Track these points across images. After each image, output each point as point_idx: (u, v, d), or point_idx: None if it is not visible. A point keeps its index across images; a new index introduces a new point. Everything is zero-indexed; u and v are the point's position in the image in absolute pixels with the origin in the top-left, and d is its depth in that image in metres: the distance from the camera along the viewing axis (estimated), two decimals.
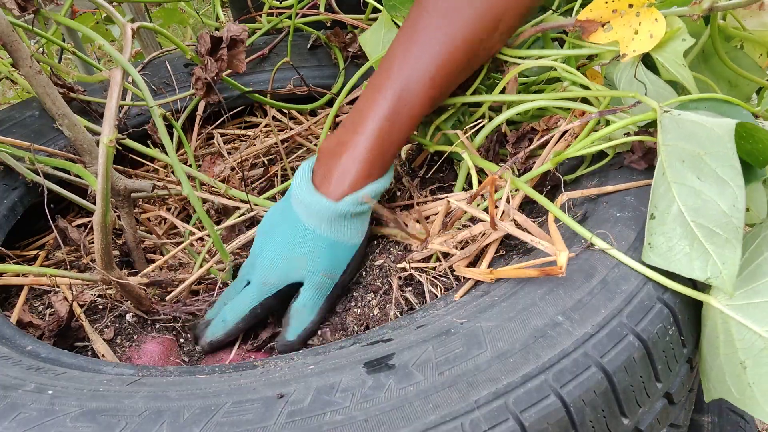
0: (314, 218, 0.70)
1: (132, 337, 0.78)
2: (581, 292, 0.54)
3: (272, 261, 0.72)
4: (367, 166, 0.71)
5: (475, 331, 0.51)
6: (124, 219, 0.86)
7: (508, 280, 0.59)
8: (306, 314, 0.69)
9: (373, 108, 0.72)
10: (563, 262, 0.53)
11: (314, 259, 0.70)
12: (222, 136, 1.13)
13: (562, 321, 0.51)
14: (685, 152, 0.56)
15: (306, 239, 0.70)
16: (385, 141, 0.71)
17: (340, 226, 0.70)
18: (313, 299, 0.69)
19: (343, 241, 0.70)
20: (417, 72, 0.72)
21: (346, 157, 0.71)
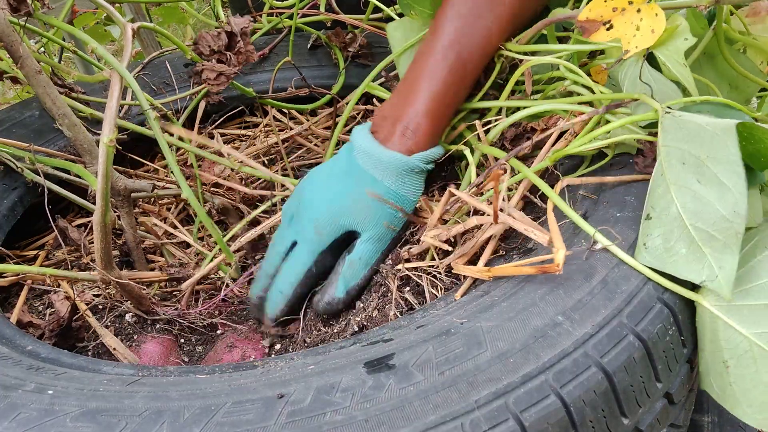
0: (383, 170, 0.71)
1: (132, 337, 0.78)
2: (581, 292, 0.54)
3: (329, 209, 0.71)
4: (431, 128, 0.73)
5: (475, 331, 0.51)
6: (123, 219, 0.86)
7: (508, 281, 0.59)
8: (360, 267, 0.69)
9: (430, 70, 0.74)
10: (560, 259, 0.53)
11: (381, 208, 0.70)
12: (222, 136, 1.13)
13: (562, 321, 0.51)
14: (687, 154, 0.56)
15: (375, 187, 0.71)
16: (444, 102, 0.74)
17: (406, 180, 0.72)
18: (370, 252, 0.70)
19: (407, 194, 0.72)
20: (472, 29, 0.74)
21: (411, 117, 0.73)
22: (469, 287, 0.63)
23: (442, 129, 0.76)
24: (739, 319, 0.53)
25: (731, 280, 0.52)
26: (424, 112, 0.73)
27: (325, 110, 1.14)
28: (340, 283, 0.69)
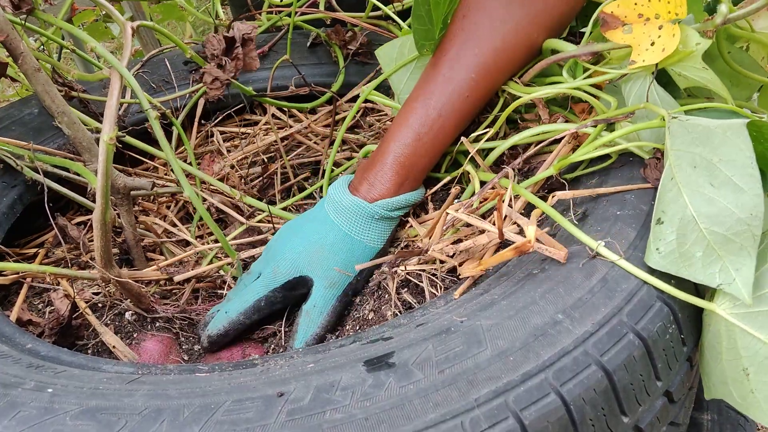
0: (343, 215, 0.72)
1: (132, 335, 0.78)
2: (581, 290, 0.54)
3: (288, 251, 0.73)
4: (398, 177, 0.74)
5: (475, 330, 0.51)
6: (123, 217, 0.86)
7: (508, 279, 0.59)
8: (315, 315, 0.69)
9: (402, 125, 0.75)
10: (531, 234, 0.53)
11: (332, 252, 0.71)
12: (221, 134, 1.13)
13: (562, 319, 0.51)
14: (697, 158, 0.56)
15: (330, 232, 0.72)
16: (415, 154, 0.74)
17: (365, 226, 0.72)
18: (324, 298, 0.69)
19: (364, 241, 0.72)
20: (450, 86, 0.74)
21: (378, 169, 0.75)
22: (469, 286, 0.63)
23: (418, 175, 0.76)
24: (757, 325, 0.52)
25: (749, 283, 0.52)
26: (392, 161, 0.74)
27: (325, 108, 1.14)
28: (298, 335, 0.69)
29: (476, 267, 0.61)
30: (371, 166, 0.75)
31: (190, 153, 1.00)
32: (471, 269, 0.62)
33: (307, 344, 0.68)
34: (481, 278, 0.63)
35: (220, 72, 0.88)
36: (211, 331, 0.72)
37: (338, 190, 0.75)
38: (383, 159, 0.75)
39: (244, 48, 0.90)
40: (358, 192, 0.74)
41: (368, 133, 1.09)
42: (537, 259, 0.60)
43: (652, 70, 0.67)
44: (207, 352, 0.75)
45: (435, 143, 0.75)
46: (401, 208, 0.74)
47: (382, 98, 0.89)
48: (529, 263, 0.60)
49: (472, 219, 0.63)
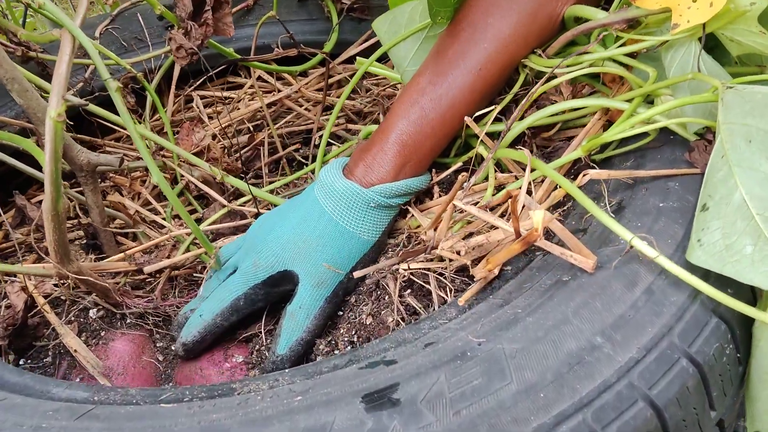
0: (335, 201, 0.63)
1: (99, 334, 0.69)
2: (623, 305, 0.45)
3: (271, 242, 0.63)
4: (399, 158, 0.64)
5: (496, 356, 0.43)
6: (88, 197, 0.76)
7: (532, 288, 0.49)
8: (301, 318, 0.60)
9: (407, 101, 0.66)
10: (538, 220, 0.44)
11: (321, 245, 0.61)
12: (202, 99, 1.02)
13: (601, 343, 0.43)
14: (754, 130, 0.46)
15: (319, 221, 0.62)
16: (420, 133, 0.64)
17: (360, 215, 0.62)
18: (310, 298, 0.60)
19: (358, 232, 0.62)
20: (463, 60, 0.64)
21: (377, 149, 0.65)
22: (478, 291, 0.54)
23: (422, 158, 0.66)
24: None
25: None
26: (393, 141, 0.64)
27: (317, 70, 1.03)
28: (281, 339, 0.60)
29: (484, 267, 0.52)
30: (370, 147, 0.66)
31: (165, 122, 0.89)
32: (482, 270, 0.53)
33: (291, 350, 0.59)
34: (497, 282, 0.54)
35: (185, 39, 0.77)
36: (186, 338, 0.63)
37: (331, 173, 0.65)
38: (384, 138, 0.65)
39: (217, 12, 0.78)
40: (354, 176, 0.64)
41: (365, 99, 0.99)
42: (566, 263, 0.50)
43: (699, 35, 0.57)
44: (183, 360, 0.67)
45: (443, 123, 0.65)
46: (402, 195, 0.64)
47: (383, 69, 0.78)
48: (557, 267, 0.51)
49: (482, 214, 0.54)
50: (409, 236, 0.64)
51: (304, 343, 0.60)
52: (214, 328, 0.63)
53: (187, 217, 0.60)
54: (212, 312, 0.63)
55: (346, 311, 0.62)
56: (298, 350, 0.59)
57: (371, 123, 0.96)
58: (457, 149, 0.72)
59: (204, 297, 0.66)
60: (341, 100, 0.81)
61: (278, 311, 0.65)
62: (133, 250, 0.76)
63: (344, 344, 0.59)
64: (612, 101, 0.60)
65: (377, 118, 0.95)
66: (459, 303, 0.53)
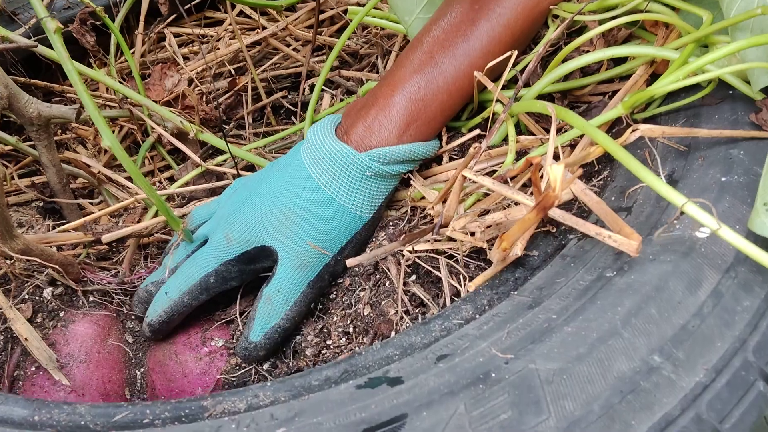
0: (324, 167, 0.53)
1: (57, 314, 0.60)
2: (685, 311, 0.36)
3: (247, 212, 0.54)
4: (403, 118, 0.54)
5: (528, 379, 0.34)
6: (43, 155, 0.66)
7: (566, 282, 0.41)
8: (279, 303, 0.51)
9: (419, 51, 0.56)
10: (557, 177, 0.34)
11: (306, 220, 0.52)
12: (176, 38, 0.90)
13: (660, 363, 0.34)
14: None
15: (305, 191, 0.53)
16: (429, 91, 0.54)
17: (353, 185, 0.53)
18: (290, 282, 0.52)
19: (350, 206, 0.53)
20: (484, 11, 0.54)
21: (380, 106, 0.55)
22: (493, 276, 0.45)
23: (431, 117, 0.55)
24: None
25: None
26: (400, 95, 0.54)
27: (306, 5, 0.91)
28: (255, 324, 0.51)
29: (498, 246, 0.43)
30: (371, 104, 0.55)
31: (132, 65, 0.78)
32: (498, 251, 0.44)
33: (266, 338, 0.51)
34: (521, 272, 0.45)
35: None
36: (151, 318, 0.55)
37: (321, 132, 0.55)
38: (389, 93, 0.55)
39: None
40: (349, 138, 0.54)
41: (361, 39, 0.87)
42: (609, 250, 0.41)
43: None
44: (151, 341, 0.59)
45: (458, 77, 0.54)
46: (404, 161, 0.54)
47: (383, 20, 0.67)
48: (597, 257, 0.42)
49: (498, 186, 0.44)
50: (413, 209, 0.55)
51: (282, 330, 0.52)
52: (181, 308, 0.55)
53: (145, 184, 0.50)
54: (179, 290, 0.55)
55: (340, 295, 0.54)
56: (275, 338, 0.52)
57: (368, 68, 0.84)
58: (468, 114, 0.62)
59: (170, 269, 0.57)
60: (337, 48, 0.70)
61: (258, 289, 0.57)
62: (97, 214, 0.66)
63: (338, 335, 0.51)
64: (660, 49, 0.50)
65: (374, 61, 0.84)
66: (469, 288, 0.44)
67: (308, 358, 0.52)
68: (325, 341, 0.52)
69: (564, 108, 0.46)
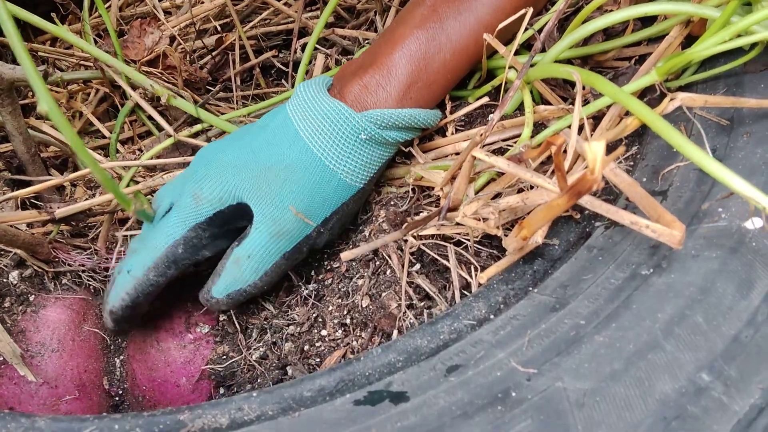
0: (314, 125, 0.47)
1: (27, 299, 0.55)
2: (736, 320, 0.31)
3: (218, 164, 0.48)
4: (404, 79, 0.48)
5: (555, 401, 0.29)
6: (7, 122, 0.60)
7: (595, 279, 0.35)
8: (248, 271, 0.47)
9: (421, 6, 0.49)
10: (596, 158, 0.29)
11: (290, 181, 0.46)
12: None
13: (709, 383, 0.29)
14: None
15: (291, 148, 0.47)
16: (431, 50, 0.48)
17: (346, 148, 0.47)
18: (264, 249, 0.46)
19: (340, 171, 0.47)
20: None
21: (378, 66, 0.48)
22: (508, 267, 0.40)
23: (433, 78, 0.49)
24: None
25: None
26: (400, 53, 0.48)
27: None
28: (220, 282, 0.47)
29: (517, 234, 0.37)
30: (367, 63, 0.49)
31: (107, 20, 0.70)
32: (516, 239, 0.38)
33: (230, 297, 0.47)
34: (540, 263, 0.40)
35: None
36: (113, 304, 0.49)
37: (313, 88, 0.49)
38: (386, 50, 0.49)
39: None
40: (344, 98, 0.48)
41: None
42: (644, 242, 0.36)
43: None
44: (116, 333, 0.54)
45: (462, 34, 0.48)
46: (403, 128, 0.49)
47: None
48: (630, 249, 0.36)
49: (515, 169, 0.38)
50: (414, 189, 0.49)
51: (247, 295, 0.48)
52: (147, 287, 0.48)
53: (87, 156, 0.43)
54: (144, 266, 0.48)
55: (336, 281, 0.48)
56: (238, 299, 0.48)
57: (366, 25, 0.78)
58: (476, 83, 0.55)
59: (134, 251, 0.50)
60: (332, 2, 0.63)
61: None
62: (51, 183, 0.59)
63: (334, 327, 0.46)
64: (698, 6, 0.44)
65: (372, 18, 0.77)
66: (480, 281, 0.39)
67: (301, 352, 0.47)
68: (320, 332, 0.47)
69: (591, 72, 0.40)
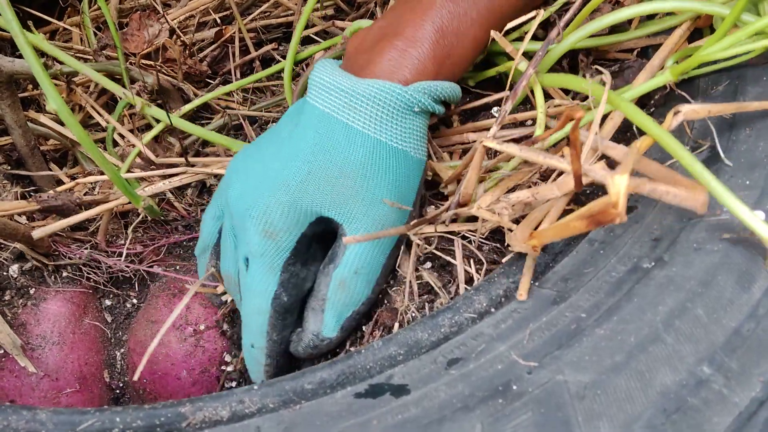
0: (364, 110, 0.43)
1: (27, 292, 0.55)
2: (737, 313, 0.31)
3: (277, 186, 0.43)
4: (440, 49, 0.45)
5: (556, 395, 0.29)
6: (6, 115, 0.60)
7: (595, 273, 0.35)
8: (360, 286, 0.42)
9: None
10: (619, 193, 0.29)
11: (367, 177, 0.43)
12: None
13: (709, 375, 0.29)
14: None
15: (352, 144, 0.43)
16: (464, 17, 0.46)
17: (405, 124, 0.44)
18: (369, 256, 0.42)
19: (409, 149, 0.44)
20: None
21: (405, 40, 0.45)
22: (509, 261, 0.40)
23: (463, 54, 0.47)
24: None
25: None
26: (430, 25, 0.45)
27: None
28: (328, 316, 0.42)
29: (526, 241, 0.37)
30: (392, 34, 0.46)
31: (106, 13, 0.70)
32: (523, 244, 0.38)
33: (343, 330, 0.43)
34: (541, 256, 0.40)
35: None
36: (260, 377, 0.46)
37: (338, 74, 0.45)
38: (415, 19, 0.46)
39: None
40: (376, 74, 0.45)
41: None
42: (645, 236, 0.36)
43: None
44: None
45: (490, 8, 0.47)
46: (445, 100, 0.46)
47: None
48: (631, 242, 0.36)
49: (526, 152, 0.38)
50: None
51: (360, 316, 0.44)
52: (278, 348, 0.44)
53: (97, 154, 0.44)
54: (261, 332, 0.44)
55: None
56: (352, 326, 0.44)
57: (367, 17, 0.77)
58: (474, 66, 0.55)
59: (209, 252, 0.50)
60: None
61: None
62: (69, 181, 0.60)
63: None
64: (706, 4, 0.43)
65: (372, 9, 0.77)
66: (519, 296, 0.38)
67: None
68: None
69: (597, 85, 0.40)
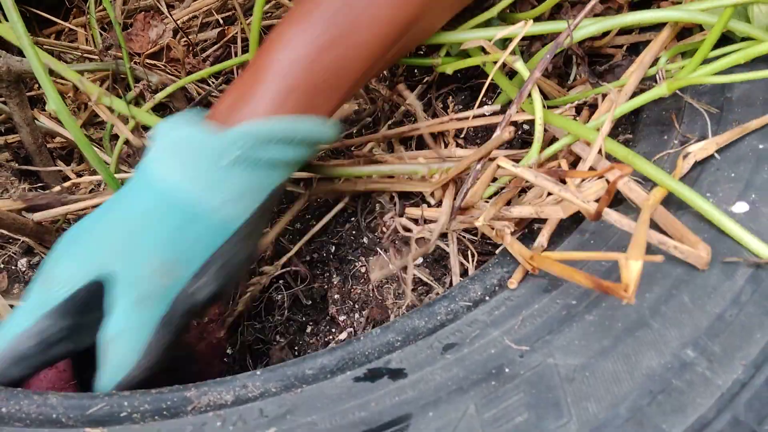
0: (169, 159, 0.39)
1: None
2: (721, 300, 0.32)
3: (68, 236, 0.39)
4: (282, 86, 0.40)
5: (546, 377, 0.31)
6: (15, 113, 0.61)
7: (586, 262, 0.37)
8: (125, 351, 0.37)
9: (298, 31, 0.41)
10: (632, 278, 0.29)
11: (145, 230, 0.38)
12: None
13: (693, 358, 0.31)
14: None
15: (146, 192, 0.39)
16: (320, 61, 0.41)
17: (209, 178, 0.38)
18: (134, 320, 0.37)
19: (208, 209, 0.38)
20: None
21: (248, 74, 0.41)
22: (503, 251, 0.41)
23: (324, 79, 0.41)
24: None
25: None
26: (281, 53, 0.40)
27: None
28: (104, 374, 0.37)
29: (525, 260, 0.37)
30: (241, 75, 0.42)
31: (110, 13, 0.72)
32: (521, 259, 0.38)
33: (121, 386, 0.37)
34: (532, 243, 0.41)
35: None
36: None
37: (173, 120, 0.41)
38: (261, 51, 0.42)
39: None
40: (214, 115, 0.41)
41: None
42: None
43: None
44: None
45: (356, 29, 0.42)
46: (283, 141, 0.39)
47: None
48: (621, 233, 0.38)
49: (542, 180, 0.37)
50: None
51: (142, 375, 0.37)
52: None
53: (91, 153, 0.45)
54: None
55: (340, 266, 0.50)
56: (135, 382, 0.37)
57: None
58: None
59: None
60: None
61: None
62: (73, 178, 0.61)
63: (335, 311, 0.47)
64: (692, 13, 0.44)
65: None
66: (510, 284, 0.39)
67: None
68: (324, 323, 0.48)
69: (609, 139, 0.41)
